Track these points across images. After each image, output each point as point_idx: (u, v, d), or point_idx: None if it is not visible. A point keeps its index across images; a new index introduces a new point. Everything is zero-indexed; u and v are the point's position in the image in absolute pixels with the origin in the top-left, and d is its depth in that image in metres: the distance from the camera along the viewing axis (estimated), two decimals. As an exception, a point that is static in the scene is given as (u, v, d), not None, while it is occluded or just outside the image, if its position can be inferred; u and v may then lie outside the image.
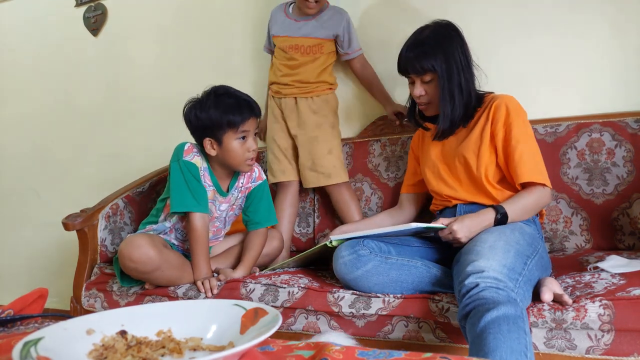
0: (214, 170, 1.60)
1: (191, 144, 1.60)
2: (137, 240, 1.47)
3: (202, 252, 1.54)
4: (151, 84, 2.49)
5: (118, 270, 1.61)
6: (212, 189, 1.60)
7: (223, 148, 1.52)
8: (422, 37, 1.42)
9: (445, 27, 1.44)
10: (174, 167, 1.57)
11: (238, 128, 1.49)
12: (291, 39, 1.89)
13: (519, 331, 0.95)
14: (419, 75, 1.42)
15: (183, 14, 2.41)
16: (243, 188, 1.68)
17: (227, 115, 1.48)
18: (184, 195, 1.53)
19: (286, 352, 0.63)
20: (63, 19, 2.67)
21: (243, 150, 1.52)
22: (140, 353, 0.59)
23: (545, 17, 1.78)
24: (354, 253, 1.32)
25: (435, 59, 1.38)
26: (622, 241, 1.56)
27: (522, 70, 1.79)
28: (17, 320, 0.82)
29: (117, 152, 2.57)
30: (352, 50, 1.92)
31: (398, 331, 1.27)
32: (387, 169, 1.93)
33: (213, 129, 1.50)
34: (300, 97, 1.91)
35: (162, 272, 1.50)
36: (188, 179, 1.53)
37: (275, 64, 1.95)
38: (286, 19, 1.93)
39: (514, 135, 1.39)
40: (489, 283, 1.05)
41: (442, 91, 1.41)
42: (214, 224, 1.67)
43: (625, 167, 1.58)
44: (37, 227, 2.75)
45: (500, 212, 1.33)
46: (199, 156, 1.58)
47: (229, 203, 1.66)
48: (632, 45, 1.69)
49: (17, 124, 2.84)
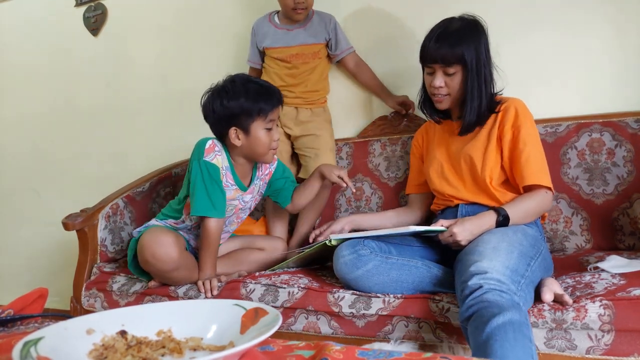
0: (235, 169, 1.57)
1: (213, 140, 1.54)
2: (164, 237, 1.47)
3: (211, 255, 1.54)
4: (151, 84, 2.49)
5: (131, 254, 1.59)
6: (234, 188, 1.57)
7: (250, 137, 1.50)
8: (453, 27, 1.40)
9: (475, 21, 1.42)
10: (194, 167, 1.52)
11: (267, 116, 1.48)
12: (290, 49, 1.91)
13: (524, 340, 0.95)
14: (446, 66, 1.38)
15: (183, 14, 2.41)
16: (263, 176, 1.68)
17: (258, 103, 1.46)
18: (202, 199, 1.49)
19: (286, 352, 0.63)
20: (63, 19, 2.67)
21: (269, 140, 1.51)
22: (140, 353, 0.59)
23: (545, 17, 1.78)
24: (354, 253, 1.32)
25: (468, 50, 1.36)
26: (622, 241, 1.56)
27: (522, 70, 1.79)
28: (17, 320, 0.82)
29: (117, 152, 2.57)
30: (341, 50, 1.95)
31: (398, 331, 1.26)
32: (387, 169, 1.93)
33: (241, 117, 1.48)
34: (302, 107, 1.93)
35: (177, 273, 1.51)
36: (207, 182, 1.49)
37: (271, 73, 1.95)
38: (277, 30, 1.93)
39: (522, 137, 1.39)
40: (492, 285, 1.05)
41: (471, 83, 1.39)
42: (239, 215, 1.67)
43: (625, 167, 1.58)
44: (37, 227, 2.75)
45: (502, 214, 1.33)
46: (220, 155, 1.53)
47: (252, 194, 1.65)
48: (632, 45, 1.69)
49: (17, 124, 2.84)
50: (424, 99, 1.54)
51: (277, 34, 1.93)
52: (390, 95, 1.96)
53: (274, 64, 1.94)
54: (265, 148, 1.52)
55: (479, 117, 1.42)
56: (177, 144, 2.35)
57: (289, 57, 1.91)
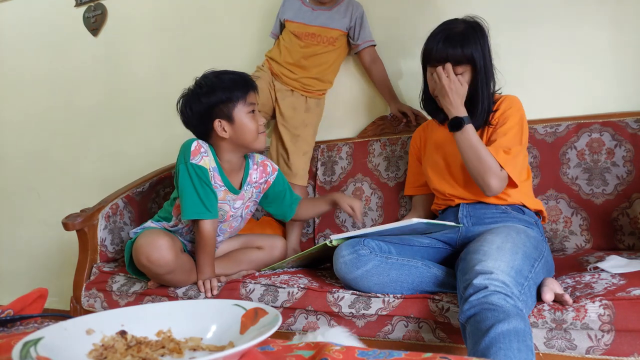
0: (223, 168, 1.57)
1: (198, 141, 1.53)
2: (159, 240, 1.45)
3: (208, 256, 1.53)
4: (151, 84, 2.49)
5: (128, 255, 1.59)
6: (223, 189, 1.56)
7: (235, 125, 1.50)
8: (458, 28, 1.40)
9: (478, 23, 1.43)
10: (182, 170, 1.50)
11: (246, 100, 1.49)
12: (307, 27, 1.89)
13: (527, 351, 0.95)
14: (455, 65, 1.39)
15: (183, 14, 2.41)
16: (257, 184, 1.66)
17: (234, 90, 1.48)
18: (194, 202, 1.49)
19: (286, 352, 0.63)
20: (63, 19, 2.67)
21: (255, 124, 1.51)
22: (140, 353, 0.59)
23: (545, 17, 1.78)
24: (354, 252, 1.32)
25: (476, 50, 1.38)
26: (622, 241, 1.56)
27: (522, 70, 1.79)
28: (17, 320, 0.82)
29: (117, 152, 2.57)
30: (363, 40, 1.92)
31: (398, 331, 1.26)
32: (387, 168, 1.93)
33: (222, 107, 1.49)
34: (298, 91, 1.92)
35: (174, 275, 1.50)
36: (197, 185, 1.48)
37: (281, 46, 1.94)
38: (302, 5, 1.93)
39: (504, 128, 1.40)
40: (497, 287, 1.04)
41: (481, 84, 1.40)
42: (231, 224, 1.65)
43: (625, 167, 1.58)
44: (37, 227, 2.75)
45: (461, 120, 1.36)
46: (207, 156, 1.53)
47: (243, 200, 1.63)
48: (632, 46, 1.69)
49: (17, 124, 2.84)
50: (426, 99, 1.55)
51: (301, 9, 1.92)
52: (395, 100, 1.95)
53: (287, 38, 1.93)
54: (254, 133, 1.51)
55: (486, 121, 1.44)
56: (177, 144, 2.31)
57: (304, 35, 1.89)
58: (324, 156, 2.04)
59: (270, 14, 2.10)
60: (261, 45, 2.15)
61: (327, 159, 2.04)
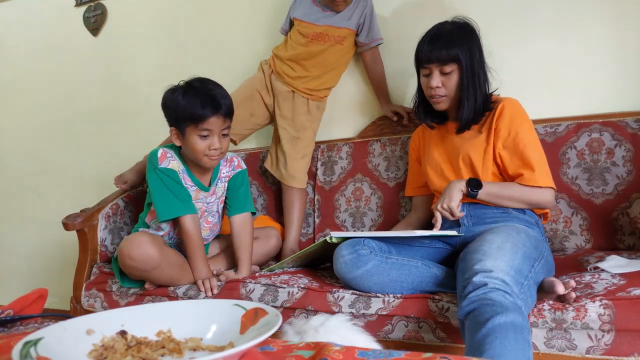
0: (191, 170, 1.59)
1: (162, 149, 1.58)
2: (138, 238, 1.47)
3: (199, 254, 1.54)
4: (151, 84, 2.49)
5: (117, 270, 1.61)
6: (194, 188, 1.59)
7: (185, 140, 1.51)
8: (445, 29, 1.43)
9: (466, 24, 1.45)
10: (151, 176, 1.54)
11: (198, 125, 1.47)
12: (316, 27, 1.86)
13: (524, 343, 0.95)
14: (442, 65, 1.40)
15: (183, 14, 2.41)
16: (226, 178, 1.68)
17: (190, 110, 1.46)
18: (169, 201, 1.51)
19: (286, 352, 0.63)
20: (63, 19, 2.67)
21: (203, 147, 1.49)
22: (140, 353, 0.59)
23: (545, 17, 1.78)
24: (354, 252, 1.32)
25: (461, 49, 1.39)
26: (622, 241, 1.56)
27: (522, 70, 1.79)
28: (17, 321, 0.82)
29: (117, 152, 2.57)
30: (372, 39, 1.90)
31: (398, 331, 1.27)
32: (387, 168, 1.93)
33: (178, 120, 1.50)
34: (299, 94, 1.91)
35: (162, 270, 1.50)
36: (169, 184, 1.52)
37: (289, 42, 1.93)
38: (312, 5, 1.90)
39: (521, 139, 1.40)
40: (497, 285, 1.04)
41: (466, 81, 1.41)
42: (207, 219, 1.66)
43: (625, 166, 1.58)
44: (37, 227, 2.75)
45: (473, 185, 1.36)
46: (174, 160, 1.57)
47: (216, 195, 1.65)
48: (632, 45, 1.69)
49: (17, 124, 2.84)
50: (419, 103, 1.55)
51: (311, 9, 1.90)
52: (387, 102, 1.95)
53: (294, 36, 1.92)
54: (199, 154, 1.50)
55: (475, 114, 1.44)
56: (177, 144, 2.35)
57: (312, 34, 1.86)
58: (324, 156, 2.04)
59: (277, 9, 2.08)
60: (262, 46, 2.15)
61: (327, 159, 2.03)
